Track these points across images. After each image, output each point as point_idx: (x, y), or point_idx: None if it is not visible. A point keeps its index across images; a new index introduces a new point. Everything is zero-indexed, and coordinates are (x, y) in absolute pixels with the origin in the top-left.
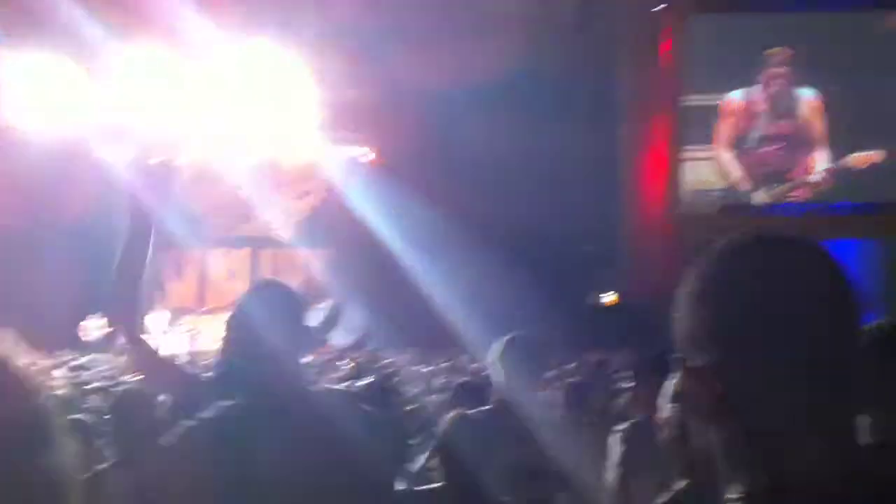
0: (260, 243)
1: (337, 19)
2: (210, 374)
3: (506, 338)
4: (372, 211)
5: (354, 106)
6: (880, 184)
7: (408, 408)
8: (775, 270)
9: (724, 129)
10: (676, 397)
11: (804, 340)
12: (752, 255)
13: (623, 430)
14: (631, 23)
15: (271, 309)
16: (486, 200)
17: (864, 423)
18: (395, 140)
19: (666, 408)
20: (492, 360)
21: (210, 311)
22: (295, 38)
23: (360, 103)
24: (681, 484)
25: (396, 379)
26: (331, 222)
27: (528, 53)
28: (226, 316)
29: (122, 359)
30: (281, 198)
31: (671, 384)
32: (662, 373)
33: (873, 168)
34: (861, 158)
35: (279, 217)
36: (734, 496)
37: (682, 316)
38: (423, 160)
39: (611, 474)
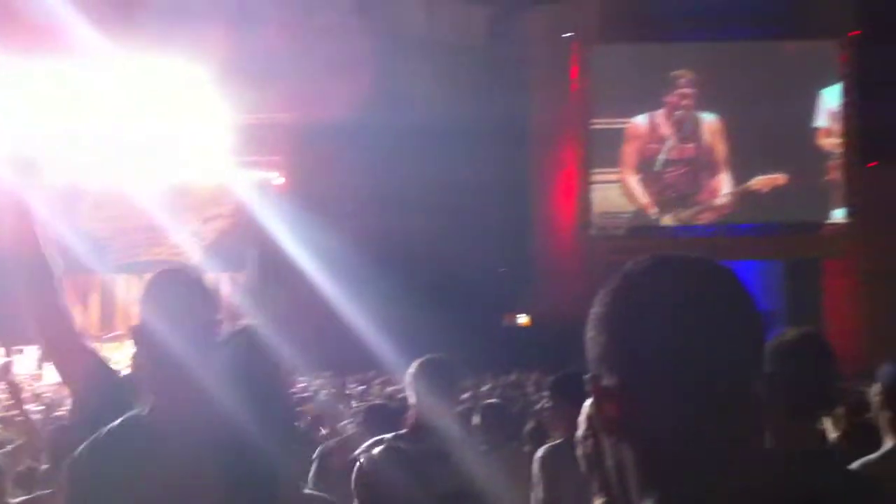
0: (167, 268)
1: (247, 44)
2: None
3: (421, 360)
4: (282, 234)
5: (264, 130)
6: (781, 206)
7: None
8: (680, 292)
9: (630, 152)
10: (590, 417)
11: (710, 360)
12: (657, 277)
13: (545, 453)
14: (540, 49)
15: (177, 301)
16: (398, 223)
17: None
18: (305, 164)
19: (582, 427)
20: (408, 382)
21: (116, 339)
22: (204, 62)
23: (269, 127)
24: (598, 502)
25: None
26: (240, 246)
27: (439, 78)
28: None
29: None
30: (189, 221)
31: (587, 404)
32: (580, 392)
33: (775, 190)
34: (764, 181)
35: (187, 241)
36: None
37: (592, 337)
38: (334, 184)
39: (535, 498)
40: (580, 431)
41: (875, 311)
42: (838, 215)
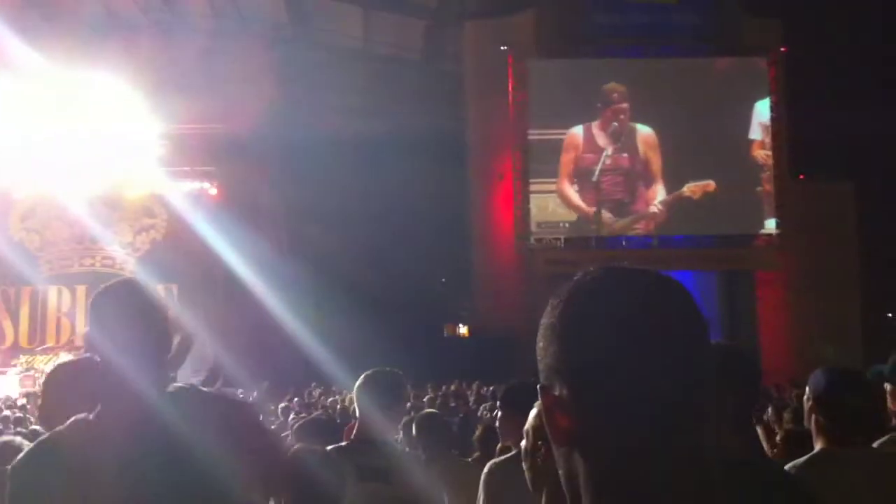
0: (100, 279)
1: (180, 53)
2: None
3: (366, 373)
4: (217, 245)
5: (198, 140)
6: (715, 218)
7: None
8: (630, 302)
9: (567, 162)
10: (537, 426)
11: (660, 371)
12: (608, 287)
13: (490, 469)
14: (476, 62)
15: (124, 309)
16: (336, 234)
17: (723, 441)
18: (239, 175)
19: (529, 437)
20: (353, 395)
21: (48, 350)
22: (137, 71)
23: (203, 138)
24: None
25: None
26: (175, 256)
27: (375, 90)
28: (65, 354)
29: None
30: (121, 233)
31: (532, 415)
32: (531, 403)
33: (710, 202)
34: (696, 188)
35: (119, 252)
36: None
37: (542, 347)
38: (269, 195)
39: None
40: (524, 443)
41: (805, 321)
42: (770, 227)
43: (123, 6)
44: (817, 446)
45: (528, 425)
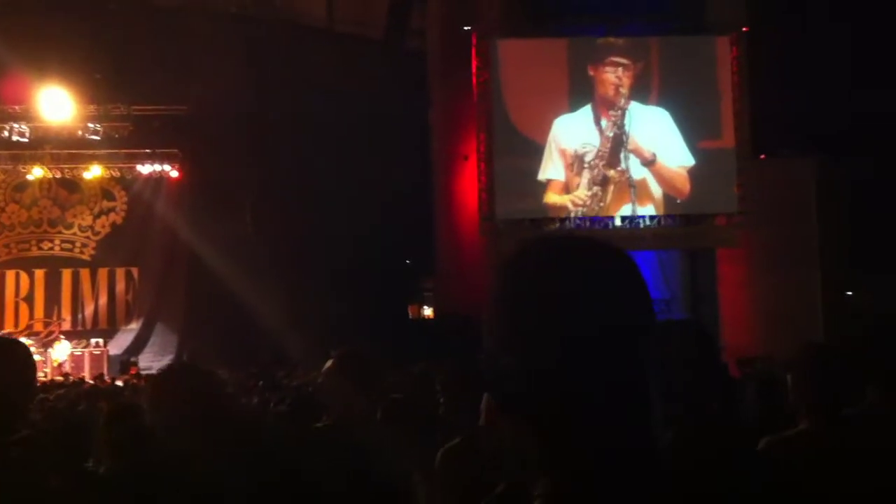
0: (59, 263)
1: (141, 32)
2: None
3: (336, 353)
4: (180, 227)
5: (159, 121)
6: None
7: None
8: (571, 270)
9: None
10: (491, 404)
11: (601, 339)
12: (546, 257)
13: (446, 451)
14: (440, 41)
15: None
16: (300, 216)
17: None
18: (202, 156)
19: (484, 416)
20: (324, 376)
21: (7, 336)
22: (97, 50)
23: (165, 119)
24: (500, 487)
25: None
26: (136, 239)
27: (339, 69)
28: (25, 339)
29: None
30: (79, 216)
31: (486, 396)
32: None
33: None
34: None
35: (80, 235)
36: (539, 493)
37: (488, 320)
38: (233, 176)
39: (438, 492)
40: (481, 421)
41: (766, 298)
42: (731, 206)
43: None
44: (801, 423)
45: (483, 404)
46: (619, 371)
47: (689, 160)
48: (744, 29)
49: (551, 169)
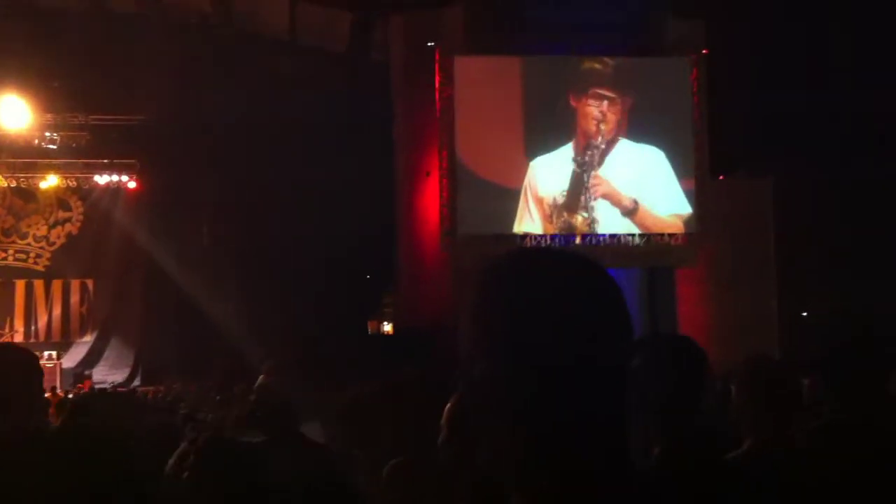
0: (12, 273)
1: (100, 40)
2: None
3: (282, 363)
4: (137, 238)
5: (117, 131)
6: (636, 216)
7: None
8: (546, 283)
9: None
10: (451, 419)
11: (575, 350)
12: (524, 269)
13: (394, 466)
14: (404, 56)
15: None
16: (259, 228)
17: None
18: (160, 166)
19: (444, 430)
20: (275, 388)
21: None
22: (53, 61)
23: (123, 129)
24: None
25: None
26: (92, 250)
27: (301, 82)
28: None
29: None
30: (34, 226)
31: (448, 407)
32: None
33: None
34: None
35: (34, 245)
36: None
37: (462, 332)
38: (192, 187)
39: None
40: (441, 436)
41: (724, 317)
42: (690, 225)
43: None
44: (748, 438)
45: (443, 419)
46: (592, 383)
47: (685, 207)
48: (704, 51)
49: (527, 221)
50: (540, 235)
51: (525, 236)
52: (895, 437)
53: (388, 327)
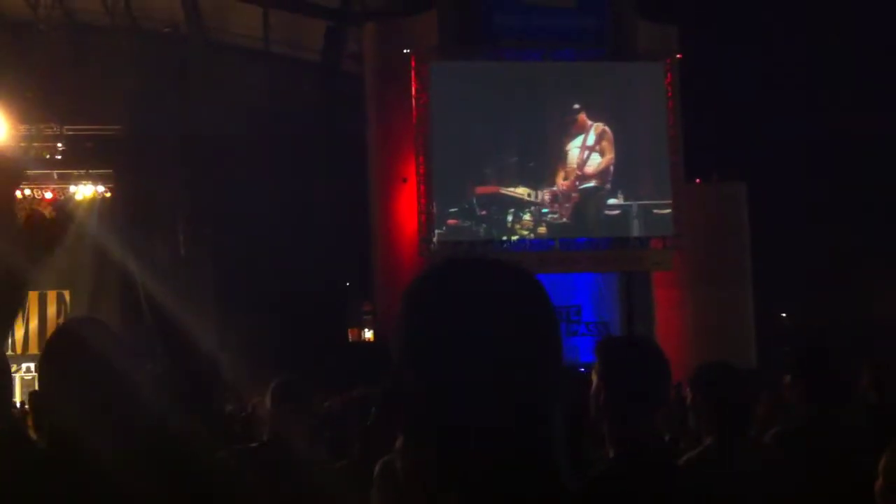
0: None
1: (73, 51)
2: None
3: (275, 381)
4: (113, 249)
5: (92, 142)
6: (614, 221)
7: None
8: (464, 292)
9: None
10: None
11: (494, 359)
12: (442, 280)
13: (380, 468)
14: (378, 63)
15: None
16: (236, 237)
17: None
18: (135, 177)
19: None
20: (265, 401)
21: None
22: (27, 72)
23: (97, 139)
24: None
25: None
26: (67, 261)
27: (275, 91)
28: None
29: None
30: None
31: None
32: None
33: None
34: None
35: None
36: None
37: (393, 338)
38: (167, 197)
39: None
40: (399, 442)
41: (701, 320)
42: (666, 229)
43: (12, 4)
44: (706, 440)
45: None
46: (515, 389)
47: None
48: (678, 56)
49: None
50: (517, 240)
51: (502, 241)
52: (860, 438)
53: (369, 335)
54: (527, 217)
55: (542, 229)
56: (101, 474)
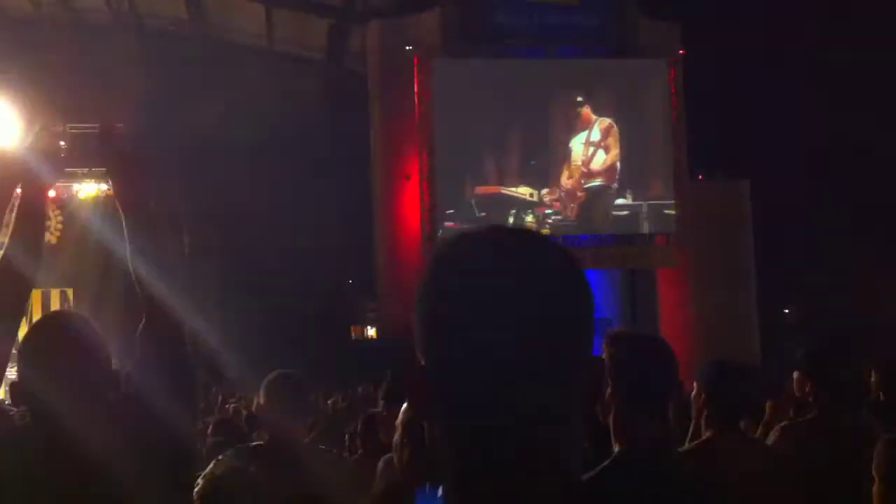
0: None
1: (77, 50)
2: None
3: (271, 376)
4: (116, 248)
5: (94, 140)
6: (617, 217)
7: None
8: (480, 269)
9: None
10: (406, 421)
11: (521, 338)
12: (458, 258)
13: (383, 464)
14: (381, 62)
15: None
16: (239, 237)
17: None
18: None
19: (398, 431)
20: (261, 397)
21: None
22: (28, 70)
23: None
24: (380, 486)
25: None
26: (70, 260)
27: (278, 89)
28: None
29: None
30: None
31: (404, 408)
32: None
33: (612, 203)
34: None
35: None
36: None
37: (414, 322)
38: (172, 195)
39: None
40: (395, 437)
41: (704, 316)
42: (670, 226)
43: (15, 2)
44: (706, 435)
45: (399, 419)
46: (537, 380)
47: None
48: (681, 52)
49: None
50: None
51: None
52: (866, 436)
53: (372, 332)
54: (529, 219)
55: (546, 231)
56: (80, 444)
